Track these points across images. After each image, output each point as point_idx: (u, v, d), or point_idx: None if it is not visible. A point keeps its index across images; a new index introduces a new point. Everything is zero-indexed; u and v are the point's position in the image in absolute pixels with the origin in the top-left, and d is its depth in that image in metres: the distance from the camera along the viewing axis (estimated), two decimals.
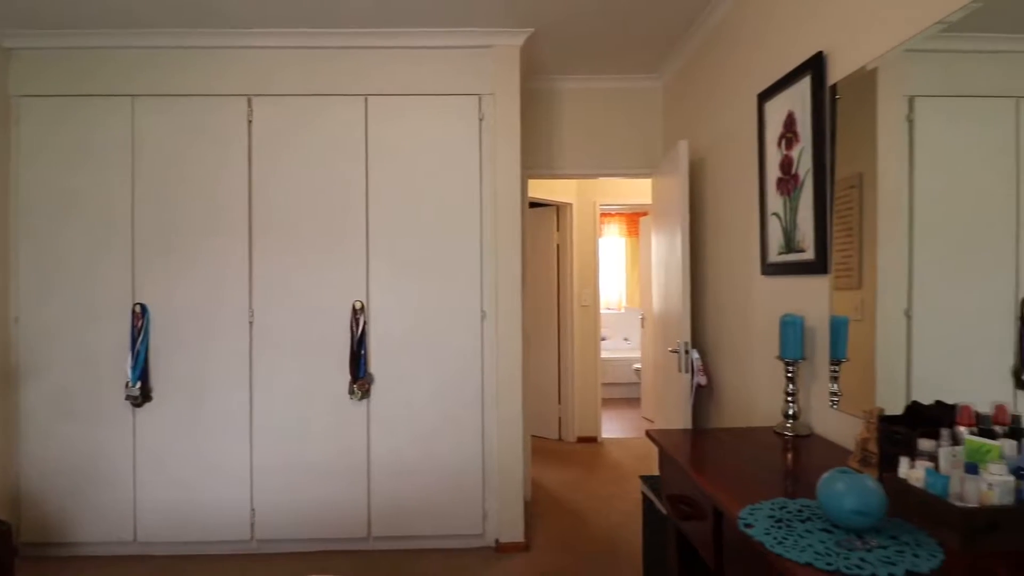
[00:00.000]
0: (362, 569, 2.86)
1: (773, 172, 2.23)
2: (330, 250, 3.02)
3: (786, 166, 2.13)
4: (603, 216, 7.23)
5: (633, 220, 7.40)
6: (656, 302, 3.54)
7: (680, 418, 2.86)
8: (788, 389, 1.97)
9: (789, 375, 1.97)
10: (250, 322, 2.99)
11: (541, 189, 4.84)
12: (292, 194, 3.02)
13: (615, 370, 6.79)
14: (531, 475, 3.90)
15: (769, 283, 2.33)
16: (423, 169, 3.05)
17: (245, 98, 3.02)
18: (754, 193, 2.40)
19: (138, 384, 2.91)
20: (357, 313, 2.99)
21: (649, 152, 3.78)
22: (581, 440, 5.09)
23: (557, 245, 5.26)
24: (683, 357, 2.84)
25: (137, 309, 2.94)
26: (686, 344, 2.84)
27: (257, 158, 3.01)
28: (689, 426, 2.81)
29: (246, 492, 3.00)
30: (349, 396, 2.99)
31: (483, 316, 3.07)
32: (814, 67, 1.94)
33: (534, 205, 5.07)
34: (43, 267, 2.97)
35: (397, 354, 3.04)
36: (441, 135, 3.06)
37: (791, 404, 1.96)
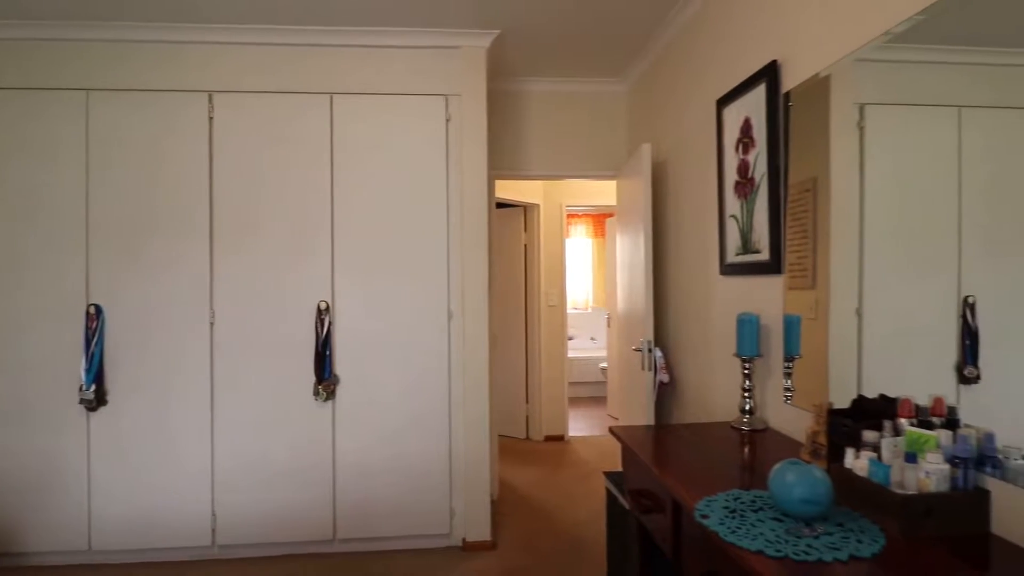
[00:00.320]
0: (327, 572, 2.84)
1: (731, 176, 2.30)
2: (294, 250, 2.99)
3: (743, 170, 2.20)
4: (570, 217, 7.31)
5: (600, 221, 7.50)
6: (620, 302, 3.61)
7: (644, 415, 2.92)
8: (745, 385, 2.04)
9: (746, 372, 2.05)
10: (211, 323, 2.93)
11: (508, 190, 4.87)
12: (255, 193, 2.97)
13: (582, 369, 6.86)
14: (498, 474, 3.92)
15: (727, 283, 2.41)
16: (389, 169, 3.04)
17: (206, 94, 2.96)
18: (713, 196, 2.48)
19: (92, 387, 2.82)
20: (322, 313, 2.96)
21: (614, 154, 3.85)
22: (548, 439, 5.14)
23: (524, 245, 5.29)
24: (646, 355, 2.90)
25: (92, 310, 2.85)
26: (649, 343, 2.90)
27: (219, 156, 2.96)
28: (652, 422, 2.88)
29: (207, 497, 2.94)
30: (314, 397, 2.96)
31: (450, 316, 3.07)
32: (769, 75, 2.01)
33: (501, 205, 5.09)
34: None
35: (363, 355, 3.02)
36: (408, 135, 3.05)
37: (747, 400, 2.04)
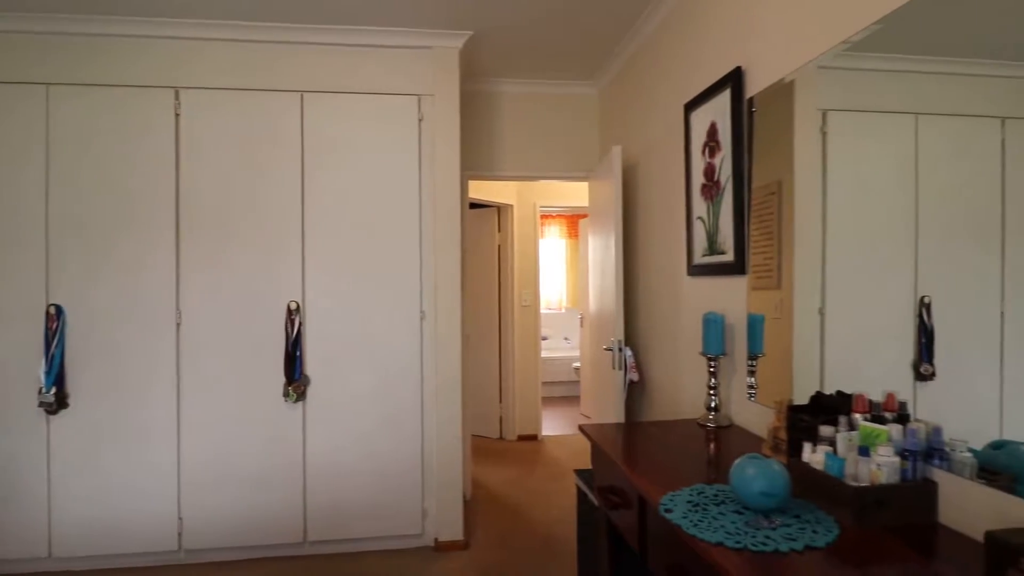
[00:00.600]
0: (298, 575, 2.81)
1: (698, 178, 2.36)
2: (264, 249, 2.95)
3: (709, 173, 2.26)
4: (545, 218, 7.35)
5: (573, 222, 7.56)
6: (592, 302, 3.65)
7: (615, 413, 2.97)
8: (710, 383, 2.10)
9: (711, 370, 2.10)
10: (177, 323, 2.88)
11: (482, 190, 4.88)
12: (223, 191, 2.92)
13: (555, 369, 6.91)
14: (472, 474, 3.93)
15: (695, 283, 2.46)
16: (361, 168, 3.03)
17: (172, 90, 2.90)
18: (681, 198, 2.53)
19: (52, 390, 2.74)
20: (292, 314, 2.93)
21: (586, 156, 3.89)
22: (522, 438, 5.17)
23: (498, 246, 5.31)
24: (617, 355, 2.95)
25: (52, 310, 2.77)
26: (619, 342, 2.94)
27: (185, 153, 2.90)
28: (622, 420, 2.92)
29: (173, 501, 2.88)
30: (284, 399, 2.93)
31: (422, 316, 3.07)
32: (733, 81, 2.07)
33: (475, 206, 5.10)
34: None
35: (334, 355, 3.00)
36: (380, 134, 3.04)
37: (713, 397, 2.09)
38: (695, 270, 2.43)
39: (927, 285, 1.34)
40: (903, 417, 1.37)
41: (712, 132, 2.23)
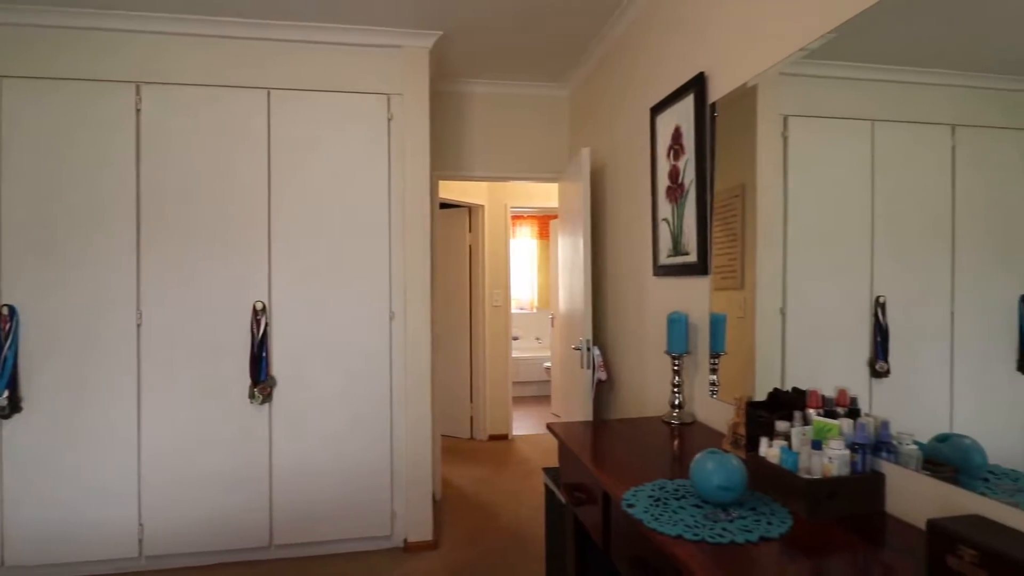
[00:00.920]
0: None
1: (663, 181, 2.40)
2: (229, 249, 2.90)
3: (674, 176, 2.31)
4: (516, 219, 7.38)
5: (545, 223, 7.60)
6: (562, 302, 3.68)
7: (583, 412, 3.00)
8: (675, 381, 2.14)
9: (675, 368, 2.14)
10: (138, 324, 2.81)
11: (453, 190, 4.87)
12: (186, 189, 2.86)
13: (527, 369, 6.94)
14: (442, 474, 3.93)
15: (660, 283, 2.51)
16: (329, 167, 3.00)
17: (133, 85, 2.83)
18: (648, 199, 2.57)
19: (5, 393, 2.64)
20: (258, 314, 2.89)
21: (556, 158, 3.93)
22: (492, 438, 5.18)
23: (469, 246, 5.31)
24: (585, 354, 2.98)
25: (4, 311, 2.68)
26: (588, 342, 2.98)
27: (147, 150, 2.83)
28: (590, 419, 2.95)
29: (133, 506, 2.81)
30: (249, 400, 2.88)
31: (392, 316, 3.06)
32: (697, 86, 2.12)
33: (446, 206, 5.10)
34: None
35: (301, 356, 2.96)
36: (348, 133, 3.02)
37: (677, 395, 2.13)
38: (660, 271, 2.47)
39: (882, 285, 1.39)
40: (854, 412, 1.43)
41: (676, 136, 2.28)
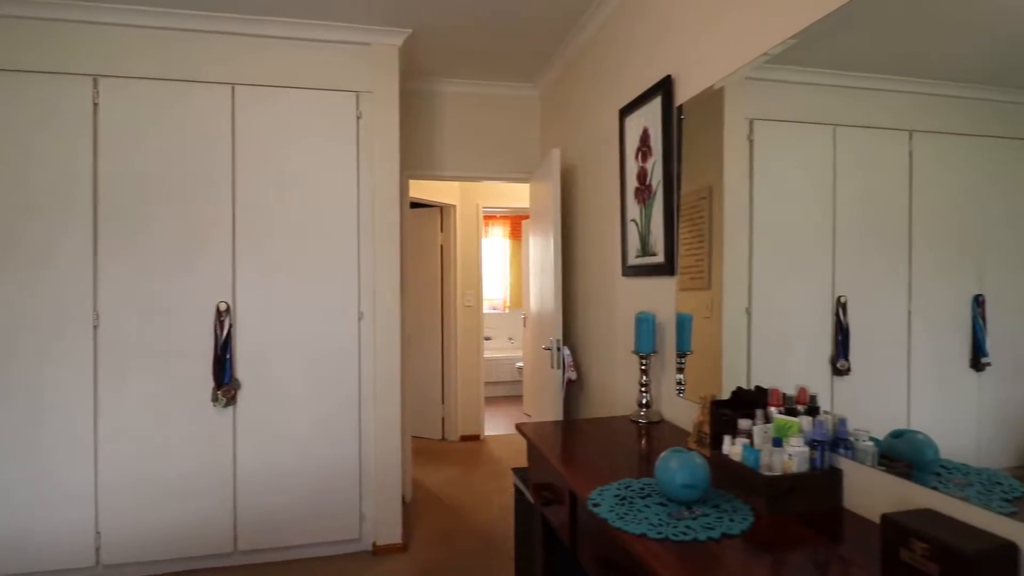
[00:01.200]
0: None
1: (632, 182, 2.42)
2: (192, 248, 2.82)
3: (642, 177, 2.33)
4: (488, 218, 7.36)
5: (517, 223, 7.60)
6: (533, 302, 3.69)
7: (553, 412, 3.01)
8: (642, 380, 2.16)
9: (643, 367, 2.16)
10: (95, 326, 2.71)
11: (425, 190, 4.84)
12: (147, 187, 2.78)
13: (499, 369, 6.94)
14: (412, 475, 3.90)
15: (628, 283, 2.53)
16: (296, 165, 2.94)
17: (91, 78, 2.73)
18: (617, 200, 2.59)
19: None
20: (222, 315, 2.82)
21: (527, 158, 3.93)
22: (464, 439, 5.16)
23: (441, 246, 5.28)
24: (555, 354, 2.99)
25: None
26: (558, 341, 2.99)
27: (105, 145, 2.74)
28: (560, 418, 2.96)
29: (90, 514, 2.71)
30: (213, 404, 2.81)
31: (360, 317, 3.02)
32: (664, 88, 2.14)
33: (418, 205, 5.06)
34: None
35: (267, 357, 2.90)
36: (316, 131, 2.97)
37: (644, 394, 2.15)
38: (629, 271, 2.49)
39: (844, 285, 1.42)
40: (813, 409, 1.46)
41: (645, 137, 2.30)
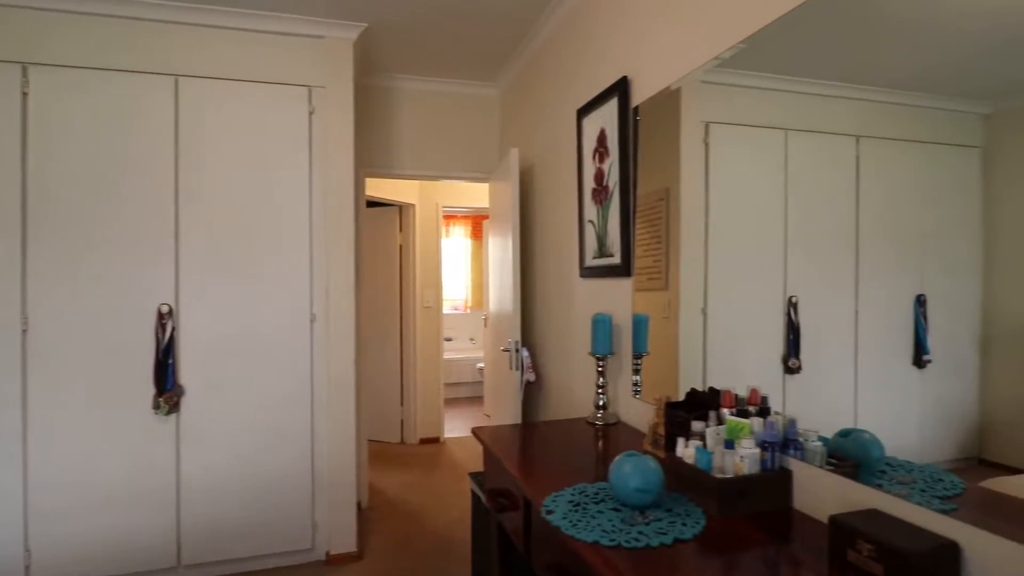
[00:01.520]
0: None
1: (589, 183, 2.41)
2: (131, 248, 2.67)
3: (599, 178, 2.32)
4: (449, 218, 7.29)
5: (478, 223, 7.55)
6: (492, 303, 3.65)
7: (512, 414, 2.98)
8: (599, 382, 2.15)
9: (600, 369, 2.15)
10: (23, 331, 2.54)
11: (383, 189, 4.74)
12: (82, 183, 2.62)
13: (460, 370, 6.88)
14: (369, 480, 3.81)
15: (586, 284, 2.52)
16: (244, 161, 2.83)
17: (19, 66, 2.56)
18: (575, 201, 2.58)
19: None
20: (164, 317, 2.68)
21: (487, 157, 3.89)
22: (424, 441, 5.08)
23: (400, 246, 5.19)
24: (514, 355, 2.96)
25: None
26: (516, 343, 2.96)
27: (35, 137, 2.57)
28: (519, 421, 2.94)
29: (18, 531, 2.54)
30: (154, 411, 2.67)
31: (313, 319, 2.92)
32: (620, 89, 2.13)
33: (376, 204, 4.96)
34: None
35: (213, 361, 2.78)
36: (266, 126, 2.86)
37: (601, 396, 2.14)
38: (586, 272, 2.48)
39: (795, 286, 1.44)
40: (764, 411, 1.47)
41: (602, 138, 2.29)
